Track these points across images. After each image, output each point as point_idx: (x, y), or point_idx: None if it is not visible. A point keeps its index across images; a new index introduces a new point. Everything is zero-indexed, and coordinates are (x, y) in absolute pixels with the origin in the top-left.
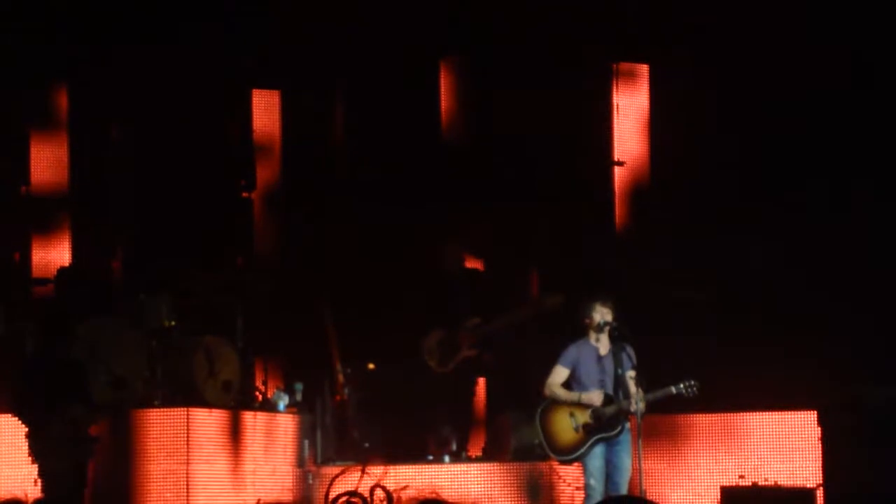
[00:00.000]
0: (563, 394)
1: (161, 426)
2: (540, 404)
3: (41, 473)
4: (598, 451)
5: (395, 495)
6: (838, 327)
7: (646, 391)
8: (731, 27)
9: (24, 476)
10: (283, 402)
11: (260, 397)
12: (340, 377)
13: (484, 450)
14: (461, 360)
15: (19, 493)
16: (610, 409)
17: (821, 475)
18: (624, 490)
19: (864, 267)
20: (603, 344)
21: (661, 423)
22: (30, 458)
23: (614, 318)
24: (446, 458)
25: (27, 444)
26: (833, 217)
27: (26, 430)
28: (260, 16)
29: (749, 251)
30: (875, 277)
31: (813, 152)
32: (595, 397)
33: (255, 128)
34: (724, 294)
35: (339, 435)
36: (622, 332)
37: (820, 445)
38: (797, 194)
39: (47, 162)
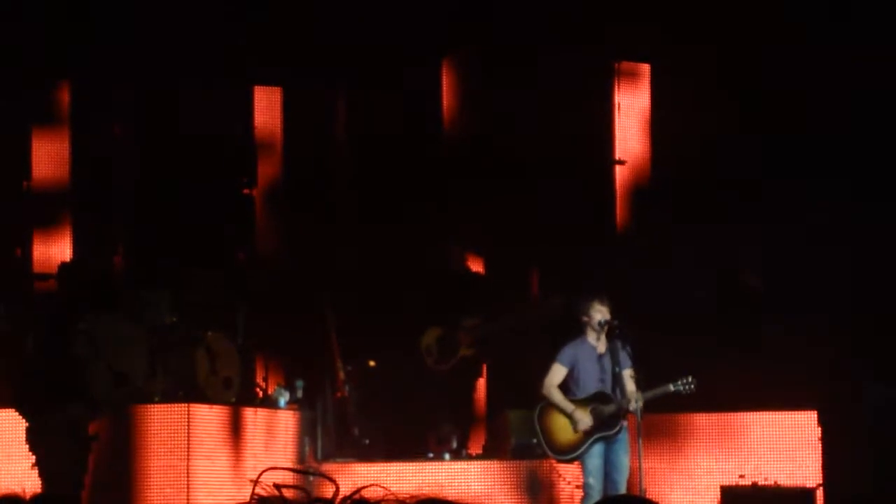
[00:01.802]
0: (557, 399)
1: (161, 422)
2: (538, 404)
3: (40, 469)
4: (597, 450)
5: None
6: (839, 327)
7: (643, 389)
8: (734, 26)
9: (23, 471)
10: (283, 398)
11: (261, 394)
12: (341, 374)
13: (484, 448)
14: (459, 359)
15: (17, 489)
16: (609, 408)
17: (821, 475)
18: (623, 489)
19: (865, 266)
20: (601, 342)
21: (661, 422)
22: (30, 454)
23: (613, 317)
24: (447, 456)
25: (27, 439)
26: (834, 216)
27: (26, 425)
28: (262, 12)
29: (750, 250)
30: (876, 277)
31: (814, 151)
32: (585, 422)
33: (256, 124)
34: (725, 293)
35: (339, 432)
36: (623, 331)
37: (820, 445)
38: (798, 194)
39: (49, 157)
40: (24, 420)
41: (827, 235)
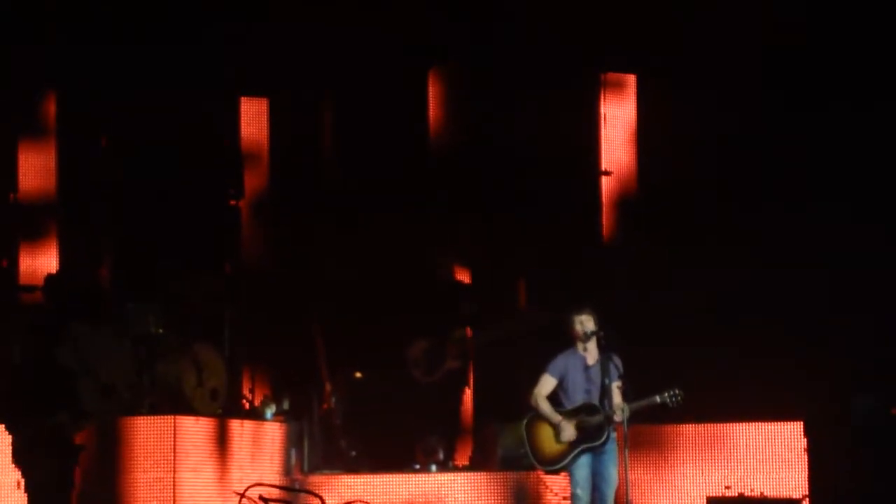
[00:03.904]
0: (545, 409)
1: (148, 434)
2: (526, 414)
3: (26, 481)
4: (584, 460)
5: None
6: (825, 338)
7: (630, 400)
8: (720, 38)
9: (10, 483)
10: (270, 410)
11: (247, 405)
12: (328, 386)
13: (471, 459)
14: (446, 370)
15: None
16: (596, 419)
17: (807, 486)
18: (610, 500)
19: (849, 278)
20: (591, 353)
21: (648, 433)
22: (14, 465)
23: (599, 327)
24: (433, 467)
25: (12, 451)
26: (819, 227)
27: (11, 437)
28: (248, 23)
29: (736, 261)
30: (860, 288)
31: (799, 162)
32: (568, 433)
33: (243, 136)
34: (711, 304)
35: (326, 443)
36: (610, 342)
37: (806, 456)
38: (783, 204)
39: (35, 169)
40: (8, 432)
41: (817, 245)
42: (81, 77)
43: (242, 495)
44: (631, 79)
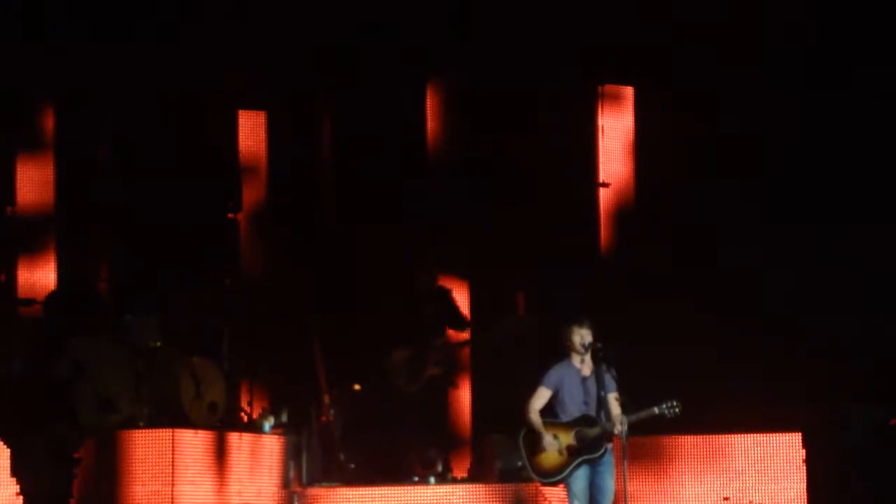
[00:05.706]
0: (537, 424)
1: (146, 447)
2: (523, 426)
3: (24, 494)
4: (582, 472)
5: None
6: (823, 349)
7: (629, 413)
8: (716, 50)
9: (8, 497)
10: (268, 423)
11: (245, 418)
12: (326, 398)
13: (470, 471)
14: (427, 378)
15: None
16: (593, 431)
17: (805, 497)
18: None
19: (849, 288)
20: (587, 365)
21: (646, 444)
22: (12, 478)
23: (596, 339)
24: (432, 480)
25: (10, 463)
26: (817, 233)
27: (9, 450)
28: (247, 36)
29: (734, 271)
30: (859, 299)
31: (796, 171)
32: (564, 443)
33: (241, 149)
34: (712, 306)
35: (324, 456)
36: (607, 354)
37: (804, 467)
38: (780, 214)
39: (33, 183)
40: (6, 445)
41: (812, 253)
42: (80, 83)
43: None
44: (629, 91)
